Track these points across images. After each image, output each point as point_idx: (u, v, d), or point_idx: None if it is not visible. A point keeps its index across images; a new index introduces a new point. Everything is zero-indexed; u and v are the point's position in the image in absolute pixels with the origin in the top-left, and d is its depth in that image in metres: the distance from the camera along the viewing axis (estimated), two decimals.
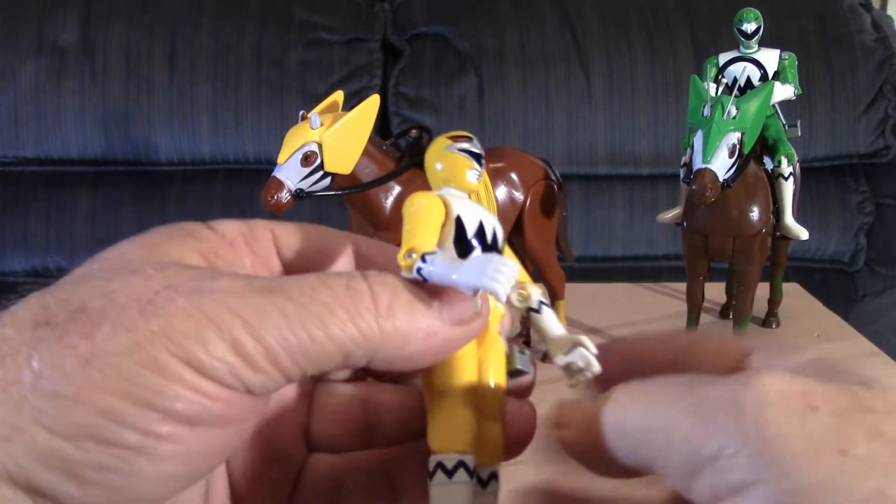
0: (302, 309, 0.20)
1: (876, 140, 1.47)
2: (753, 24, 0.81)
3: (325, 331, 0.20)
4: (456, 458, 0.22)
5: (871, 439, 0.18)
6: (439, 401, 0.23)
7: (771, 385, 0.19)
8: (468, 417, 0.23)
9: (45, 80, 1.38)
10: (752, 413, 0.19)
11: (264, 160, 1.40)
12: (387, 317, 0.21)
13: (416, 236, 0.23)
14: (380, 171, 0.66)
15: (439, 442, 0.23)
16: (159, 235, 0.23)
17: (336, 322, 0.20)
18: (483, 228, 0.25)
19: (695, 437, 0.19)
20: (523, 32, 1.43)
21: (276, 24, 1.41)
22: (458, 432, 0.23)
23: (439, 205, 0.24)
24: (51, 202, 1.40)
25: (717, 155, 0.68)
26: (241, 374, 0.20)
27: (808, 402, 0.19)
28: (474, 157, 0.25)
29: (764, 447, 0.18)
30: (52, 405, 0.19)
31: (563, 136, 1.42)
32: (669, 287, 0.98)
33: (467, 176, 0.25)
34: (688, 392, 0.20)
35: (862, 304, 1.45)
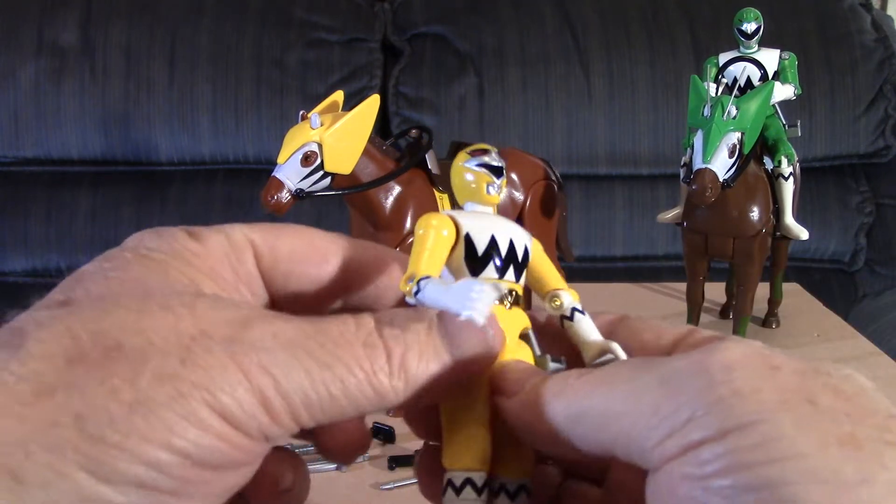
0: (325, 370, 0.21)
1: (876, 140, 1.47)
2: (753, 24, 0.81)
3: (343, 391, 0.21)
4: (463, 475, 0.23)
5: (834, 395, 0.19)
6: (451, 418, 0.24)
7: (734, 349, 0.20)
8: (478, 434, 0.23)
9: (45, 80, 1.38)
10: (719, 374, 0.19)
11: (264, 160, 1.40)
12: (399, 373, 0.22)
13: (420, 261, 0.24)
14: (380, 171, 0.66)
15: (449, 459, 0.23)
16: (158, 253, 0.23)
17: (354, 383, 0.21)
18: (496, 243, 0.25)
19: (664, 406, 0.20)
20: (523, 32, 1.43)
21: (276, 24, 1.41)
22: (466, 450, 0.23)
23: (448, 225, 0.25)
24: (51, 202, 1.40)
25: (717, 155, 0.68)
26: (265, 426, 0.21)
27: (771, 363, 0.20)
28: (493, 171, 0.25)
29: (736, 401, 0.19)
30: (97, 451, 0.19)
31: (563, 136, 1.42)
32: (669, 287, 0.98)
33: (486, 190, 0.25)
34: (649, 369, 0.21)
35: (862, 304, 1.45)
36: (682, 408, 0.19)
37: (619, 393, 0.21)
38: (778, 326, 0.88)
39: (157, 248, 0.23)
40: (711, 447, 0.18)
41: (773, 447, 0.18)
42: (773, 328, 0.88)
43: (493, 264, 0.25)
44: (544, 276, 0.27)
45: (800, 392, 0.19)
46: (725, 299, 0.92)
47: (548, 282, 0.27)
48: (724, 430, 0.18)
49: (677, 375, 0.20)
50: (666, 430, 0.19)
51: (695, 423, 0.19)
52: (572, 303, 0.26)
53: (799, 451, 0.18)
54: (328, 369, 0.21)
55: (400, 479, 0.58)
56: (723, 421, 0.18)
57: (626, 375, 0.21)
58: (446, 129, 1.38)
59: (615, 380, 0.21)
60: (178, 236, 0.24)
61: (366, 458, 0.61)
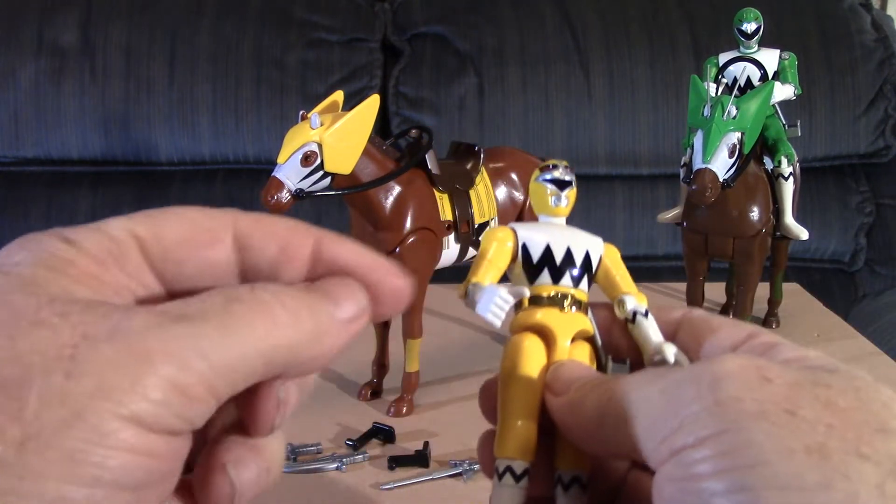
0: (223, 329, 0.20)
1: (876, 140, 1.47)
2: (753, 24, 0.81)
3: (247, 345, 0.20)
4: (505, 463, 0.25)
5: (822, 407, 0.20)
6: (504, 409, 0.26)
7: (731, 362, 0.21)
8: (523, 427, 0.26)
9: (45, 80, 1.38)
10: (709, 383, 0.21)
11: (264, 160, 1.40)
12: (295, 322, 0.21)
13: (477, 270, 0.27)
14: (380, 171, 0.66)
15: (496, 447, 0.26)
16: (24, 267, 0.21)
17: (255, 335, 0.20)
18: (550, 252, 0.28)
19: (662, 414, 0.21)
20: (523, 32, 1.43)
21: (276, 24, 1.41)
22: (509, 440, 0.25)
23: (507, 237, 0.28)
24: (51, 202, 1.40)
25: (717, 155, 0.68)
26: (184, 412, 0.19)
27: (764, 375, 0.21)
28: (557, 184, 0.28)
29: (718, 410, 0.20)
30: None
31: (563, 136, 1.42)
32: (669, 287, 0.98)
33: (551, 202, 0.28)
34: (656, 380, 0.22)
35: (862, 304, 1.45)
36: (675, 416, 0.21)
37: (631, 400, 0.22)
38: (778, 326, 0.88)
39: (22, 261, 0.21)
40: (690, 452, 0.20)
41: (740, 454, 0.19)
42: (773, 328, 0.88)
43: (548, 271, 0.27)
44: (613, 282, 0.29)
45: (783, 402, 0.20)
46: (725, 299, 0.92)
47: (616, 287, 0.29)
48: (702, 438, 0.20)
49: (675, 386, 0.21)
50: (662, 436, 0.21)
51: (682, 431, 0.20)
52: (635, 307, 0.28)
53: (765, 458, 0.19)
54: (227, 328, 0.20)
55: (400, 479, 0.58)
56: (702, 429, 0.20)
57: (638, 384, 0.23)
58: (446, 129, 1.38)
59: (630, 388, 0.23)
60: (49, 244, 0.21)
61: (366, 457, 0.61)
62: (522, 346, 0.27)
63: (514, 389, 0.26)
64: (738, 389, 0.20)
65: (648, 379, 0.23)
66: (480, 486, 0.57)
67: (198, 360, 0.19)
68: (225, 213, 0.24)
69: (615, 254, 0.29)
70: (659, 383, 0.22)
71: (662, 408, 0.21)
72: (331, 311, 0.22)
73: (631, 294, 0.28)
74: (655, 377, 0.22)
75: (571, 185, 0.28)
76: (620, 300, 0.28)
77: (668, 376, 0.22)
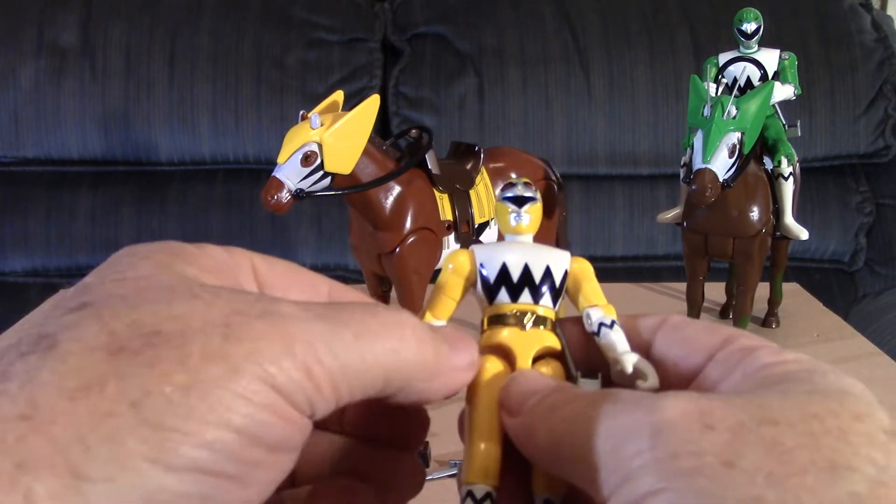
0: (358, 338, 0.21)
1: (876, 140, 1.47)
2: (753, 24, 0.81)
3: (375, 358, 0.21)
4: (467, 488, 0.25)
5: (766, 451, 0.19)
6: (467, 435, 0.26)
7: (673, 407, 0.20)
8: (483, 450, 0.25)
9: (45, 80, 1.38)
10: (649, 435, 0.20)
11: (264, 160, 1.40)
12: (420, 348, 0.23)
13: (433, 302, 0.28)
14: (380, 171, 0.66)
15: (463, 473, 0.25)
16: (159, 254, 0.23)
17: (384, 350, 0.22)
18: (506, 270, 0.27)
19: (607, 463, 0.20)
20: (523, 32, 1.43)
21: (276, 24, 1.41)
22: (470, 464, 0.25)
23: (464, 263, 0.28)
24: (51, 202, 1.40)
25: (717, 155, 0.68)
26: (312, 398, 0.20)
27: (705, 422, 0.19)
28: (517, 202, 0.28)
29: (658, 465, 0.19)
30: (158, 437, 0.18)
31: (563, 136, 1.42)
32: (669, 287, 0.98)
33: (510, 221, 0.28)
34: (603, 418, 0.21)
35: (862, 304, 1.45)
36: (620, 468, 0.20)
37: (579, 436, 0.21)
38: (778, 326, 0.88)
39: (156, 249, 0.23)
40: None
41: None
42: (773, 328, 0.88)
43: (505, 290, 0.27)
44: (580, 296, 0.28)
45: (722, 453, 0.19)
46: (725, 299, 0.92)
47: (583, 300, 0.28)
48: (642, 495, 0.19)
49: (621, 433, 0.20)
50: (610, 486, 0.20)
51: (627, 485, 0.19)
52: (600, 318, 0.27)
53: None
54: (362, 338, 0.21)
55: None
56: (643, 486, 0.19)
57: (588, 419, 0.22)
58: (446, 129, 1.38)
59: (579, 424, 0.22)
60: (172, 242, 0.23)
61: None
62: (482, 368, 0.26)
63: (475, 413, 0.26)
64: (676, 443, 0.19)
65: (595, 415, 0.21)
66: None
67: (330, 357, 0.21)
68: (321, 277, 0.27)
69: (585, 267, 0.28)
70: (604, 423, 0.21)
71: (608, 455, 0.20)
72: (448, 354, 0.24)
73: (597, 306, 0.27)
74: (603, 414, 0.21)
75: (533, 200, 0.28)
76: (586, 313, 0.27)
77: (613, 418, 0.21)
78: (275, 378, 0.19)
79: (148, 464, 0.18)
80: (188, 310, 0.20)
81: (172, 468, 0.18)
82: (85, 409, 0.18)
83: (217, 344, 0.19)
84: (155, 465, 0.18)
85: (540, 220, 0.28)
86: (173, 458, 0.18)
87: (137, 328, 0.19)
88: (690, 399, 0.20)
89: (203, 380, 0.19)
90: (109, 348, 0.19)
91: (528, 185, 0.28)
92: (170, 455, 0.18)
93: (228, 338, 0.19)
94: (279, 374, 0.20)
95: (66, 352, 0.19)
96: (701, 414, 0.20)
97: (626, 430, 0.20)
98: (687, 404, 0.20)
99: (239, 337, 0.20)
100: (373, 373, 0.21)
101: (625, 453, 0.20)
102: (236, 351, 0.19)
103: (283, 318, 0.21)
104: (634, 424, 0.20)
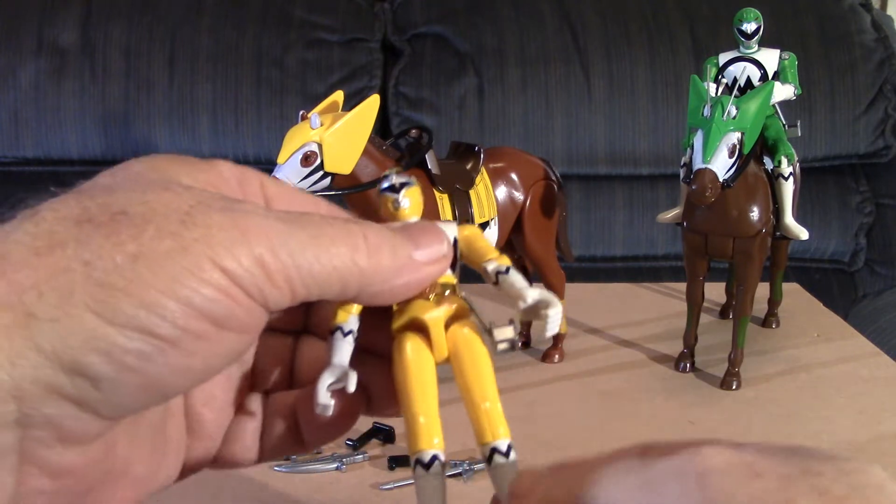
0: (313, 239, 0.23)
1: (876, 140, 1.47)
2: (753, 24, 0.81)
3: (330, 261, 0.23)
4: (414, 458, 0.26)
5: (818, 496, 0.18)
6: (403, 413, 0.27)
7: (717, 454, 0.20)
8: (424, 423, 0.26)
9: (45, 80, 1.38)
10: (696, 477, 0.19)
11: (264, 160, 1.40)
12: (374, 254, 0.24)
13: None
14: (380, 171, 0.66)
15: (409, 445, 0.27)
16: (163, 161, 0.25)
17: (338, 254, 0.24)
18: None
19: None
20: (523, 32, 1.43)
21: (276, 24, 1.41)
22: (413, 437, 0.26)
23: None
24: None
25: (717, 155, 0.68)
26: (264, 288, 0.22)
27: (754, 470, 0.19)
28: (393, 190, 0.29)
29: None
30: (103, 294, 0.20)
31: (563, 136, 1.42)
32: (669, 287, 0.98)
33: (392, 208, 0.29)
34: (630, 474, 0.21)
35: (862, 304, 1.45)
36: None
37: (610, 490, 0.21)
38: (778, 326, 0.88)
39: (165, 158, 0.25)
40: None
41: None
42: (773, 328, 0.88)
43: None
44: (475, 255, 0.29)
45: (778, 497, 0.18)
46: (725, 299, 0.92)
47: (478, 257, 0.29)
48: None
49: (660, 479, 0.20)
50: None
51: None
52: (496, 267, 0.28)
53: None
54: (317, 240, 0.23)
55: (400, 479, 0.58)
56: None
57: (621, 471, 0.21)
58: (446, 129, 1.38)
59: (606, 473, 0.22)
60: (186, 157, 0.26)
61: (366, 457, 0.61)
62: (402, 346, 0.27)
63: (407, 390, 0.27)
64: (729, 485, 0.19)
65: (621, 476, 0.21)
66: (480, 486, 0.57)
67: (284, 253, 0.22)
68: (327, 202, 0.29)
69: (471, 230, 0.29)
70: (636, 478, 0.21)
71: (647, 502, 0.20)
72: (408, 253, 0.25)
73: (491, 259, 0.28)
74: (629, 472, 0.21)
75: (408, 185, 0.29)
76: (482, 267, 0.28)
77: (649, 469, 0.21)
78: (223, 260, 0.21)
79: (91, 314, 0.20)
80: (156, 198, 0.22)
81: (113, 322, 0.20)
82: (45, 263, 0.21)
83: (174, 226, 0.21)
84: (97, 317, 0.20)
85: (421, 202, 0.29)
86: (114, 314, 0.20)
87: (107, 207, 0.22)
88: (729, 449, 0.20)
89: (152, 251, 0.21)
90: (78, 219, 0.22)
91: (401, 174, 0.29)
92: (111, 310, 0.20)
93: (185, 223, 0.22)
94: (228, 258, 0.21)
95: (42, 218, 0.22)
96: (747, 463, 0.20)
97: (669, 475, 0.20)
98: (730, 454, 0.20)
99: (195, 223, 0.22)
100: (328, 274, 0.23)
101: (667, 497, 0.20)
102: (190, 233, 0.21)
103: (243, 213, 0.23)
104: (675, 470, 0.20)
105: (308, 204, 0.28)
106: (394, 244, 0.25)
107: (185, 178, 0.25)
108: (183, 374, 0.22)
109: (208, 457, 0.28)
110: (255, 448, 0.29)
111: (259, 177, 0.27)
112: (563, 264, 0.79)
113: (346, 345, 0.28)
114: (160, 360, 0.21)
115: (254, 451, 0.29)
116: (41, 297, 0.20)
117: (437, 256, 0.26)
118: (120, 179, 0.24)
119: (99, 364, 0.20)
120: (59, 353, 0.20)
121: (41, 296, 0.20)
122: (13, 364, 0.19)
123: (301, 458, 0.61)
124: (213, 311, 0.21)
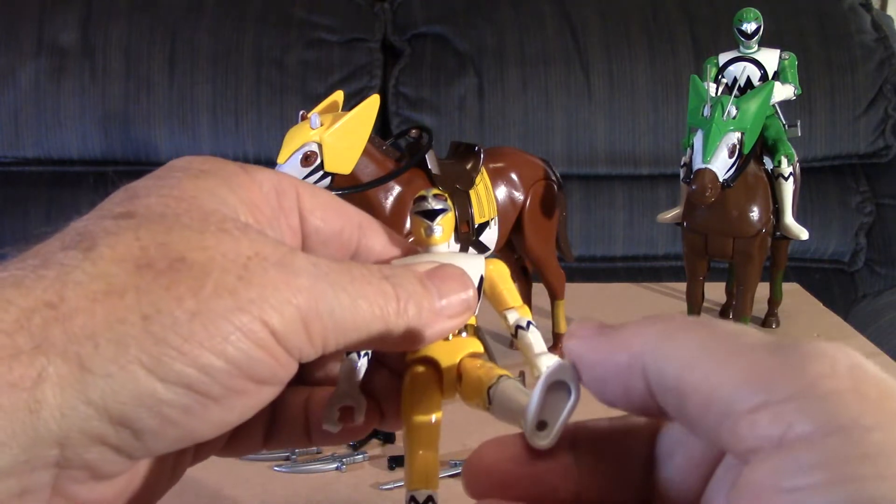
0: (353, 302, 0.24)
1: (876, 140, 1.47)
2: (753, 24, 0.81)
3: (365, 323, 0.24)
4: (409, 494, 0.26)
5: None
6: (406, 444, 0.27)
7: (832, 349, 0.18)
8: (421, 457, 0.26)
9: (45, 80, 1.38)
10: (820, 363, 0.17)
11: (264, 160, 1.40)
12: (403, 315, 0.25)
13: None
14: (380, 171, 0.66)
15: (406, 480, 0.27)
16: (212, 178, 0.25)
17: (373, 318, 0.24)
18: None
19: (759, 372, 0.17)
20: (523, 32, 1.43)
21: (276, 24, 1.41)
22: (410, 472, 0.26)
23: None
24: (51, 202, 1.40)
25: (717, 155, 0.68)
26: (303, 347, 0.23)
27: (877, 372, 0.17)
28: (428, 216, 0.29)
29: (848, 397, 0.16)
30: (158, 350, 0.20)
31: (563, 136, 1.42)
32: (669, 287, 0.98)
33: (423, 234, 0.29)
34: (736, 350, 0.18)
35: (862, 304, 1.45)
36: (780, 381, 0.16)
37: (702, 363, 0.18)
38: (778, 326, 0.88)
39: (208, 170, 0.25)
40: (810, 450, 0.15)
41: (886, 462, 0.15)
42: (773, 328, 0.88)
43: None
44: (498, 299, 0.29)
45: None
46: (725, 299, 0.92)
47: (501, 303, 0.29)
48: (827, 430, 0.15)
49: (776, 347, 0.18)
50: (760, 398, 0.16)
51: (796, 406, 0.16)
52: (516, 320, 0.28)
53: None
54: (356, 303, 0.24)
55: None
56: (829, 417, 0.16)
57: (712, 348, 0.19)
58: (446, 129, 1.38)
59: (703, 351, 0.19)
60: (229, 164, 0.26)
61: (365, 457, 0.61)
62: (412, 382, 0.27)
63: (411, 423, 0.27)
64: (862, 380, 0.17)
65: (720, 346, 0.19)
66: None
67: (327, 314, 0.23)
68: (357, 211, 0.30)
69: (501, 270, 0.29)
70: (742, 340, 0.18)
71: (758, 366, 0.17)
72: (434, 304, 0.26)
73: (513, 308, 0.28)
74: (728, 349, 0.18)
75: (444, 212, 0.29)
76: (502, 314, 0.28)
77: (751, 353, 0.18)
78: (272, 320, 0.22)
79: (144, 371, 0.20)
80: (214, 243, 0.22)
81: (164, 379, 0.20)
82: (102, 311, 0.20)
83: (231, 282, 0.22)
84: (150, 374, 0.20)
85: (452, 229, 0.29)
86: (166, 371, 0.20)
87: (166, 250, 0.22)
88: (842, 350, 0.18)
89: (209, 310, 0.21)
90: (138, 262, 0.21)
91: (438, 197, 0.29)
92: (164, 368, 0.20)
93: (243, 279, 0.22)
94: (279, 320, 0.22)
95: (100, 256, 0.21)
96: (866, 363, 0.18)
97: (787, 349, 0.18)
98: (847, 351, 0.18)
99: (251, 280, 0.22)
100: (356, 333, 0.24)
101: (790, 367, 0.17)
102: (247, 293, 0.22)
103: (294, 271, 0.23)
104: (796, 348, 0.18)
105: (341, 215, 0.29)
106: (420, 299, 0.26)
107: (228, 195, 0.25)
108: (219, 425, 0.23)
109: (217, 447, 0.29)
110: (261, 438, 0.30)
111: (295, 187, 0.28)
112: (563, 264, 0.79)
113: (360, 365, 0.28)
114: (202, 414, 0.22)
115: (260, 441, 0.30)
116: (97, 349, 0.20)
117: (461, 309, 0.27)
118: (173, 205, 0.24)
119: (146, 419, 0.21)
120: (109, 407, 0.20)
121: (97, 348, 0.20)
122: (63, 415, 0.20)
123: (301, 458, 0.61)
124: (256, 370, 0.22)
